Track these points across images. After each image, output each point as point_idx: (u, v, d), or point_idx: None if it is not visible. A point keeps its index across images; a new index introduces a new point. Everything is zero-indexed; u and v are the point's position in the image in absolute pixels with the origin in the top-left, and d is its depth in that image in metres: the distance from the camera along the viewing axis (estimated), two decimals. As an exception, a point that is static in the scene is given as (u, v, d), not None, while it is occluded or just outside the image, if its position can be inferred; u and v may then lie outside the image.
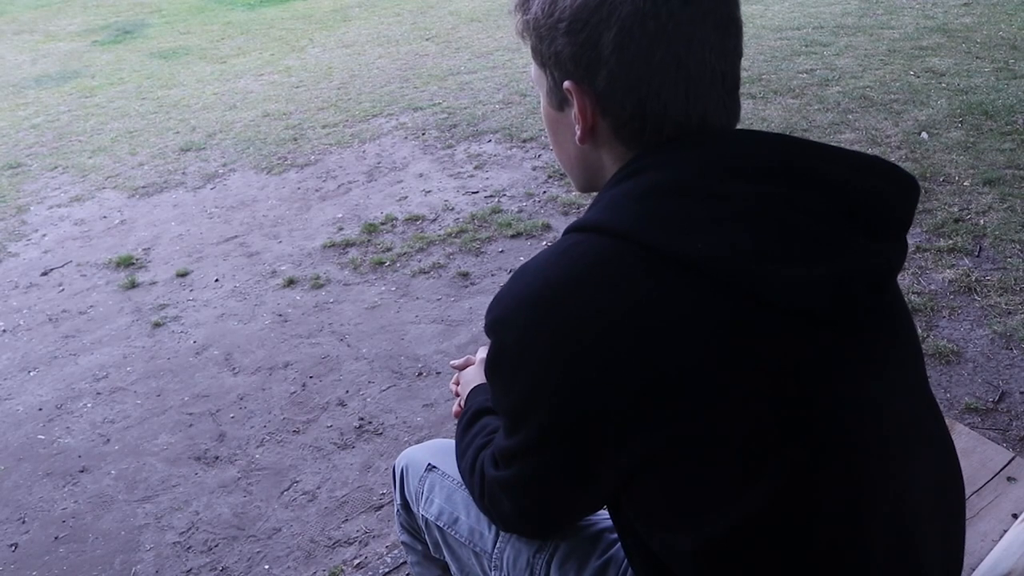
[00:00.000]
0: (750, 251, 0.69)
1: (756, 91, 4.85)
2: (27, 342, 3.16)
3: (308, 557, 2.02)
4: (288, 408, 2.59)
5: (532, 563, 1.06)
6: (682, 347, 0.68)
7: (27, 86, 7.39)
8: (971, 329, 2.53)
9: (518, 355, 0.75)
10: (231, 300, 3.28)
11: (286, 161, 4.73)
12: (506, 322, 0.75)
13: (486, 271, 3.25)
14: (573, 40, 0.75)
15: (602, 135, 0.79)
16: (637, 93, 0.74)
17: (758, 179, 0.72)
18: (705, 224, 0.70)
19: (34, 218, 4.37)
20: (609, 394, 0.70)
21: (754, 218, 0.70)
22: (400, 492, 1.28)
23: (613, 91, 0.75)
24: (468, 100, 5.39)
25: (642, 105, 0.75)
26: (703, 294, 0.69)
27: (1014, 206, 3.18)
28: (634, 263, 0.70)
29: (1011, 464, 1.39)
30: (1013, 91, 4.36)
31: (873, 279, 0.73)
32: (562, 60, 0.77)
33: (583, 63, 0.75)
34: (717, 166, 0.72)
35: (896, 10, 6.36)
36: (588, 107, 0.77)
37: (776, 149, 0.74)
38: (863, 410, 0.74)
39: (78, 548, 2.13)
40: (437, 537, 1.20)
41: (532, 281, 0.74)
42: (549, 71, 0.80)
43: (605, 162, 0.82)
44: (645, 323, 0.69)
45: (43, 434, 2.60)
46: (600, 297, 0.70)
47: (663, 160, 0.74)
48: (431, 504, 1.20)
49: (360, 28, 8.39)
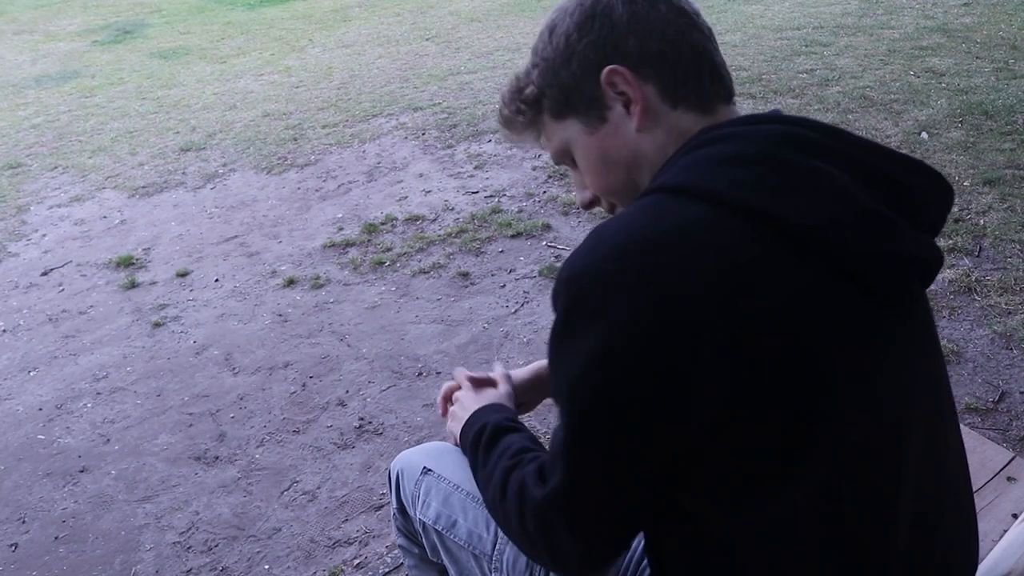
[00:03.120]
0: (847, 221, 0.71)
1: (756, 91, 4.84)
2: (27, 342, 3.16)
3: (308, 557, 2.02)
4: (288, 408, 2.59)
5: (531, 564, 1.06)
6: (764, 310, 0.68)
7: (27, 86, 7.39)
8: (971, 329, 2.53)
9: (599, 307, 0.69)
10: (231, 300, 3.28)
11: (286, 161, 4.73)
12: (586, 274, 0.70)
13: (486, 271, 3.25)
14: (591, 36, 0.82)
15: (653, 105, 0.82)
16: (666, 40, 0.80)
17: (821, 157, 0.75)
18: (794, 192, 0.71)
19: (34, 218, 4.37)
20: (689, 353, 0.67)
21: (832, 192, 0.72)
22: (396, 496, 1.28)
23: (647, 50, 0.80)
24: (468, 100, 5.39)
25: (678, 50, 0.80)
26: (789, 258, 0.70)
27: (1014, 206, 3.18)
28: (723, 224, 0.70)
29: (1011, 464, 1.39)
30: (1013, 91, 4.36)
31: (926, 269, 0.77)
32: (588, 62, 0.82)
33: (610, 44, 0.81)
34: (786, 142, 0.75)
35: (896, 10, 6.36)
36: (631, 81, 0.81)
37: (830, 134, 0.78)
38: (910, 392, 0.77)
39: (78, 548, 2.13)
40: (435, 541, 1.20)
41: (615, 234, 0.71)
42: (577, 97, 0.84)
43: (665, 144, 0.82)
44: (729, 282, 0.68)
45: (43, 434, 2.60)
46: (685, 251, 0.69)
47: (732, 132, 0.77)
48: (428, 508, 1.19)
49: (360, 28, 8.39)
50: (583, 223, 3.50)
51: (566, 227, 3.51)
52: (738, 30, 6.33)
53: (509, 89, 0.89)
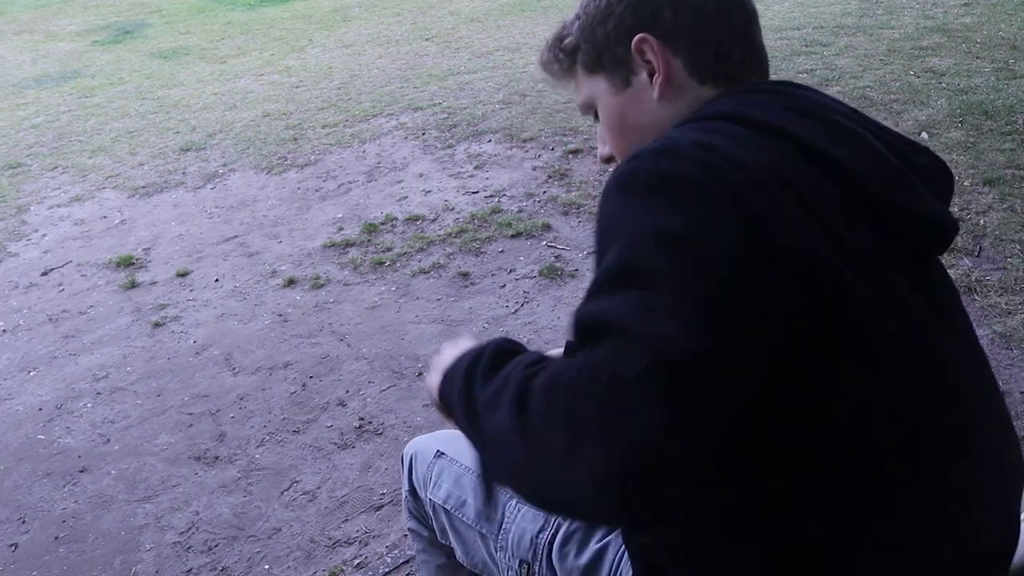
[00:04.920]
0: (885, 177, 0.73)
1: (756, 91, 4.84)
2: (27, 342, 3.16)
3: (308, 557, 2.02)
4: (288, 408, 2.59)
5: (535, 542, 1.07)
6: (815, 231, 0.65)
7: (27, 86, 7.39)
8: (971, 329, 2.53)
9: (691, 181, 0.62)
10: (231, 300, 3.28)
11: (286, 161, 4.73)
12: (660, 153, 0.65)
13: (486, 271, 3.25)
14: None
15: (678, 79, 0.82)
16: (702, 17, 0.81)
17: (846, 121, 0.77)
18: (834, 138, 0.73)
19: (34, 218, 4.37)
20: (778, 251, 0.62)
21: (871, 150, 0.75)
22: (408, 478, 1.30)
23: (681, 24, 0.81)
24: (468, 100, 5.39)
25: (712, 28, 0.81)
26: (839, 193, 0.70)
27: (1014, 206, 3.18)
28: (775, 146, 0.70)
29: (1011, 464, 1.38)
30: (1013, 91, 4.36)
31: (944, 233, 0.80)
32: (623, 25, 0.83)
33: (647, 11, 0.82)
34: (813, 103, 0.77)
35: (896, 10, 6.36)
36: (660, 52, 0.81)
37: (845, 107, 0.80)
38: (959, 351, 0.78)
39: (78, 548, 2.13)
40: (444, 521, 1.22)
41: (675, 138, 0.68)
42: (608, 56, 0.85)
43: (687, 115, 0.81)
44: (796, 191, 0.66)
45: (43, 434, 2.60)
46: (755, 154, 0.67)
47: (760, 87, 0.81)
48: (439, 488, 1.22)
49: (360, 28, 8.39)
50: (583, 223, 3.50)
51: (566, 227, 3.51)
52: (738, 30, 6.33)
53: (553, 35, 0.91)
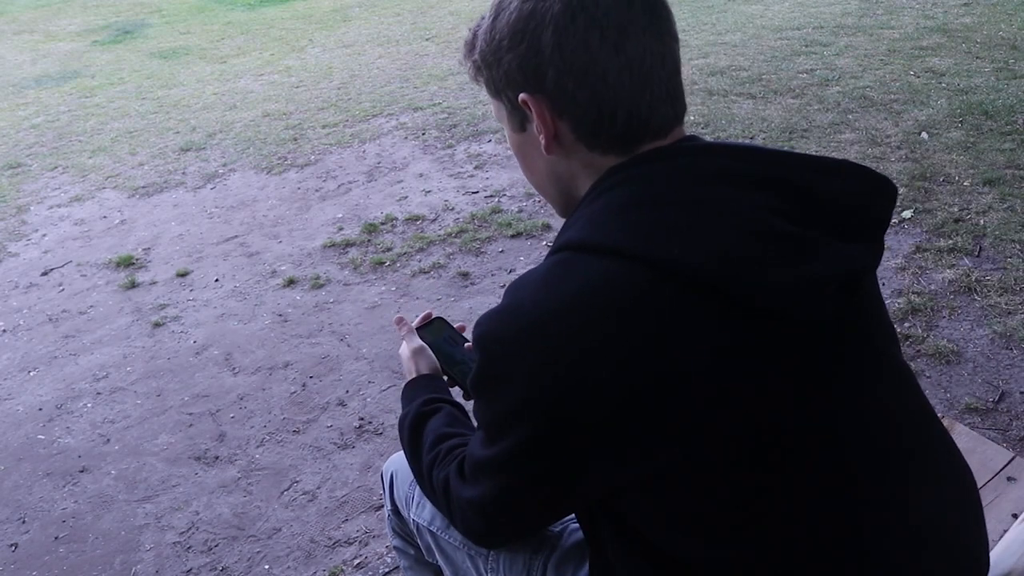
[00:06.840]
0: (739, 257, 0.69)
1: (756, 91, 4.85)
2: (27, 342, 3.16)
3: (308, 557, 2.02)
4: (288, 408, 2.59)
5: (529, 564, 1.06)
6: (674, 360, 0.68)
7: (27, 86, 7.39)
8: (971, 329, 2.53)
9: (505, 370, 0.74)
10: (231, 300, 3.28)
11: (286, 161, 4.73)
12: (494, 336, 0.74)
13: (486, 271, 3.25)
14: (516, 52, 0.78)
15: (566, 140, 0.80)
16: (585, 84, 0.76)
17: (727, 186, 0.73)
18: (687, 231, 0.71)
19: (34, 218, 4.37)
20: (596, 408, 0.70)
21: (731, 224, 0.71)
22: (389, 497, 1.28)
23: (563, 88, 0.77)
24: (468, 100, 5.39)
25: (594, 96, 0.77)
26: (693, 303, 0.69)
27: (1014, 206, 3.18)
28: (623, 278, 0.70)
29: (1011, 464, 1.39)
30: (1013, 91, 4.36)
31: (846, 281, 0.74)
32: (512, 76, 0.80)
33: (530, 69, 0.78)
34: (687, 176, 0.74)
35: (896, 10, 6.36)
36: (546, 112, 0.79)
37: (741, 157, 0.76)
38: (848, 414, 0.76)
39: (78, 548, 2.13)
40: (429, 541, 1.20)
41: (523, 297, 0.74)
42: (505, 96, 0.83)
43: (576, 173, 0.83)
44: (635, 337, 0.69)
45: (43, 434, 2.60)
46: (591, 315, 0.70)
47: (635, 174, 0.76)
48: (423, 509, 1.20)
49: (360, 28, 8.39)
50: (583, 223, 3.50)
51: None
52: (738, 30, 6.33)
53: (465, 43, 0.87)
